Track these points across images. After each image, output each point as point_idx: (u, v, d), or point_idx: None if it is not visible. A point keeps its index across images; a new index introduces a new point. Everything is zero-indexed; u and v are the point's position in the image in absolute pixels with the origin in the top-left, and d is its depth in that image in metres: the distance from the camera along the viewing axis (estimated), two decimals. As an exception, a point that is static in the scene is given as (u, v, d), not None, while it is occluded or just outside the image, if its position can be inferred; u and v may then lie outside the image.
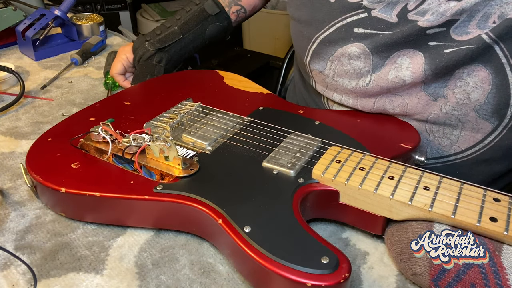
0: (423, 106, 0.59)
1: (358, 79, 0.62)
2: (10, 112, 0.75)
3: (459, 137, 0.61)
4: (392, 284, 0.46)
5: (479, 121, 0.58)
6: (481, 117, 0.58)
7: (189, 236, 0.51)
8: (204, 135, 0.57)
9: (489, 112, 0.57)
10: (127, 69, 0.83)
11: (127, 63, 0.82)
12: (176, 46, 0.82)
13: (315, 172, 0.49)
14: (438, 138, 0.62)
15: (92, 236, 0.51)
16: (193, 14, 0.82)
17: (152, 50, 0.80)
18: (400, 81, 0.58)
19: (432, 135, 0.62)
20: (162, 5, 2.03)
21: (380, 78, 0.60)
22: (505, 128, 0.58)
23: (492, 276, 0.40)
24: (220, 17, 0.83)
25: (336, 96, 0.67)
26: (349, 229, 0.53)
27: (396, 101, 0.61)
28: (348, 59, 0.61)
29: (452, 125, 0.60)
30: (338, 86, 0.65)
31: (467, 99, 0.57)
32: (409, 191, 0.46)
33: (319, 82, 0.69)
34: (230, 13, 0.84)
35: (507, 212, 0.42)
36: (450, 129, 0.61)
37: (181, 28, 0.81)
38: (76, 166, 0.53)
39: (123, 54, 0.82)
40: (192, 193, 0.48)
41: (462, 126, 0.60)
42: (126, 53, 0.82)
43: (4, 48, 1.00)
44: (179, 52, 0.82)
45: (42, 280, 0.46)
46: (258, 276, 0.43)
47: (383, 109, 0.63)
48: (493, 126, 0.58)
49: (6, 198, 0.57)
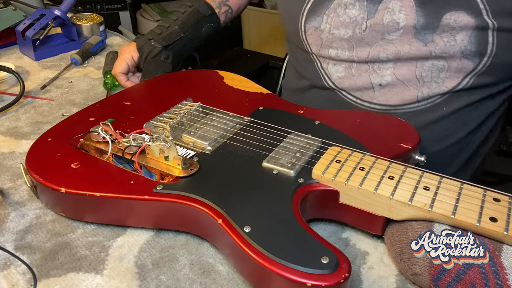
0: (414, 52, 0.63)
1: (355, 27, 0.66)
2: (10, 112, 0.75)
3: (444, 79, 0.66)
4: (392, 284, 0.46)
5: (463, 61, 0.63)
6: (465, 57, 0.63)
7: (189, 236, 0.51)
8: (204, 135, 0.58)
9: (472, 52, 0.62)
10: (130, 69, 0.83)
11: (131, 62, 0.82)
12: (178, 44, 0.82)
13: (315, 172, 0.49)
14: (427, 83, 0.67)
15: (92, 236, 0.51)
16: (190, 14, 0.84)
17: (159, 47, 0.80)
18: (395, 24, 0.63)
19: (422, 81, 0.67)
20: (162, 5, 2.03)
21: (375, 23, 0.64)
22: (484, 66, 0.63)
23: (492, 276, 0.40)
24: (212, 18, 0.87)
25: (332, 51, 0.70)
26: (349, 229, 0.53)
27: (390, 49, 0.65)
28: (344, 8, 0.65)
29: (439, 68, 0.65)
30: (335, 39, 0.68)
31: (453, 41, 0.62)
32: (409, 191, 0.46)
33: (314, 41, 0.71)
34: (220, 14, 0.88)
35: (507, 212, 0.42)
36: (437, 72, 0.65)
37: (181, 27, 0.82)
38: (76, 166, 0.53)
39: (127, 53, 0.82)
40: (192, 193, 0.48)
41: (448, 67, 0.64)
42: (131, 51, 0.82)
43: (4, 48, 1.00)
44: (181, 50, 0.83)
45: (42, 280, 0.46)
46: (258, 276, 0.43)
47: (377, 57, 0.66)
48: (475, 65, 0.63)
49: (6, 198, 0.57)
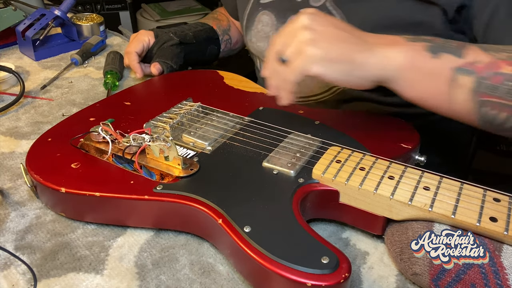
0: None
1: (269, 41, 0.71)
2: (10, 112, 0.75)
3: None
4: (392, 284, 0.46)
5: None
6: None
7: (189, 236, 0.51)
8: (204, 135, 0.58)
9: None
10: (144, 51, 0.83)
11: (147, 45, 0.83)
12: (187, 48, 0.83)
13: (315, 172, 0.49)
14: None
15: (92, 236, 0.51)
16: (202, 30, 0.87)
17: (177, 40, 0.82)
18: None
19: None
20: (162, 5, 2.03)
21: None
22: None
23: (492, 276, 0.40)
24: (217, 42, 0.90)
25: (258, 61, 0.81)
26: (349, 229, 0.53)
27: None
28: (262, 25, 0.74)
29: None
30: (260, 50, 0.78)
31: None
32: (409, 191, 0.46)
33: (254, 52, 0.81)
34: (222, 41, 0.91)
35: (507, 212, 0.42)
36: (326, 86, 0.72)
37: (195, 35, 0.85)
38: (76, 166, 0.53)
39: (145, 36, 0.83)
40: (192, 193, 0.48)
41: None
42: (148, 35, 0.83)
43: (4, 48, 1.00)
44: (187, 55, 0.83)
45: (42, 280, 0.46)
46: (258, 276, 0.43)
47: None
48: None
49: (6, 198, 0.57)
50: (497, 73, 0.45)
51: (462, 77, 0.46)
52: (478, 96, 0.46)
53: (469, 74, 0.46)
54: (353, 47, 0.47)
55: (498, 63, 0.45)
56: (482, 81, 0.45)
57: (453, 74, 0.46)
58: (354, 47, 0.47)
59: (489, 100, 0.46)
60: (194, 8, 1.99)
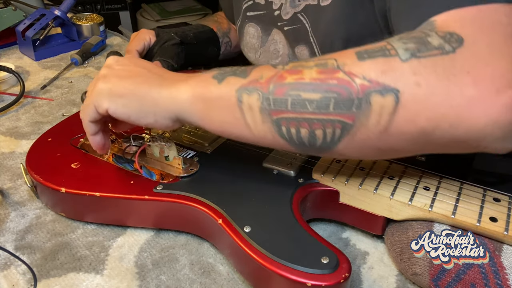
0: None
1: (255, 52, 0.76)
2: (10, 112, 0.75)
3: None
4: (392, 284, 0.46)
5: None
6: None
7: (189, 236, 0.51)
8: (204, 135, 0.57)
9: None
10: (144, 51, 0.83)
11: (148, 44, 0.82)
12: (187, 48, 0.83)
13: (315, 172, 0.50)
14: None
15: (92, 236, 0.51)
16: (203, 31, 0.87)
17: (178, 39, 0.81)
18: (277, 52, 0.71)
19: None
20: (162, 5, 2.03)
21: (265, 51, 0.73)
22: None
23: (492, 276, 0.40)
24: (218, 44, 0.90)
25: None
26: (349, 229, 0.53)
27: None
28: (249, 37, 0.76)
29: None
30: (251, 61, 0.79)
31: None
32: (409, 191, 0.46)
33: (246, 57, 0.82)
34: (221, 43, 0.91)
35: (507, 212, 0.43)
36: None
37: (195, 36, 0.84)
38: (76, 166, 0.53)
39: (146, 34, 0.82)
40: (192, 193, 0.48)
41: None
42: (150, 34, 0.82)
43: (4, 48, 1.00)
44: (187, 56, 0.83)
45: (42, 280, 0.46)
46: (258, 276, 0.43)
47: None
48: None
49: (6, 198, 0.57)
50: (281, 85, 0.40)
51: (247, 96, 0.41)
52: (270, 115, 0.40)
53: (252, 92, 0.41)
54: (146, 82, 0.46)
55: (282, 74, 0.40)
56: (268, 96, 0.40)
57: (238, 96, 0.41)
58: (147, 82, 0.46)
59: (282, 117, 0.40)
60: (194, 8, 1.99)
